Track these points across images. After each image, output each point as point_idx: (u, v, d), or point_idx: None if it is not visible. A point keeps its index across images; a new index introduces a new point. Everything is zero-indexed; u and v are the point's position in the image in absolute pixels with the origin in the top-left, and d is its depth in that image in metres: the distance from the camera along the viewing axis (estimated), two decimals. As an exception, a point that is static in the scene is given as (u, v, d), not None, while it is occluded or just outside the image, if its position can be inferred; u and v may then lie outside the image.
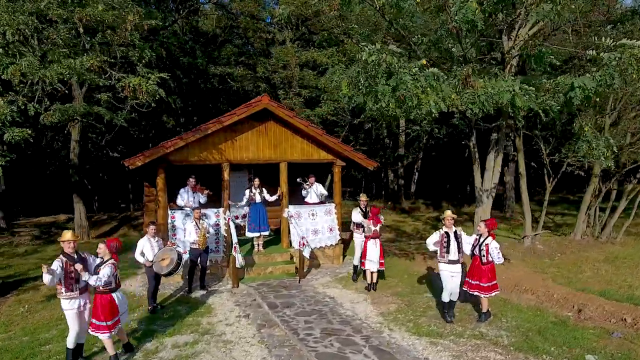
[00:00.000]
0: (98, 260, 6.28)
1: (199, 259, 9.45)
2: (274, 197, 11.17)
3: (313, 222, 11.50)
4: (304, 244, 10.21)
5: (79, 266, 5.95)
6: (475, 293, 7.68)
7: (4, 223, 16.86)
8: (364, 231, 9.79)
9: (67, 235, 6.18)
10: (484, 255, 7.52)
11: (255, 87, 22.86)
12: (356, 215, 9.94)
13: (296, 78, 19.30)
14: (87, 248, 15.37)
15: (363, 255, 9.62)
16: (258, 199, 11.01)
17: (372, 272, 9.56)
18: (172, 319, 8.01)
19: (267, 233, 11.12)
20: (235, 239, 9.86)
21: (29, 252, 14.36)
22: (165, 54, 22.47)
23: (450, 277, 7.69)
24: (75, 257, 6.16)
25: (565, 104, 6.05)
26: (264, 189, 11.18)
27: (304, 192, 11.77)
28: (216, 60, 21.43)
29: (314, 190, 11.76)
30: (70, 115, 14.26)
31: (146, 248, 8.40)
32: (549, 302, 8.56)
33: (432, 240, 7.86)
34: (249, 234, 11.01)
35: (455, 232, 7.78)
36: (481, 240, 7.62)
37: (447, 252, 7.75)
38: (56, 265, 5.95)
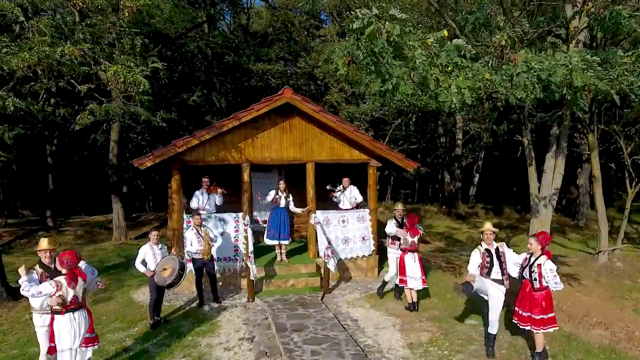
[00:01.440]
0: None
1: (204, 268, 8.59)
2: (299, 210, 10.08)
3: (343, 230, 10.27)
4: (328, 255, 9.02)
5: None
6: (527, 328, 6.08)
7: (51, 222, 17.23)
8: (400, 245, 8.43)
9: (44, 244, 5.48)
10: (535, 279, 5.92)
11: (305, 84, 22.02)
12: (391, 227, 8.59)
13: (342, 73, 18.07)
14: (124, 249, 15.26)
15: (401, 271, 8.28)
16: (282, 203, 9.96)
17: (412, 290, 8.22)
18: (170, 337, 7.17)
19: (286, 242, 10.03)
20: (250, 247, 8.88)
21: (67, 252, 14.37)
22: (211, 52, 22.25)
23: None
24: (53, 267, 5.47)
25: (652, 84, 4.40)
26: (290, 196, 10.10)
27: (335, 200, 10.57)
28: (261, 57, 20.78)
29: (346, 195, 10.50)
30: (105, 116, 14.05)
31: (148, 256, 7.66)
32: (628, 341, 6.73)
33: (475, 264, 6.37)
34: (267, 241, 9.99)
35: (496, 250, 6.25)
36: (532, 260, 6.01)
37: (489, 273, 6.25)
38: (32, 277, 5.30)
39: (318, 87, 20.37)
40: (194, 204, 9.61)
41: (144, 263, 7.63)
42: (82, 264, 5.72)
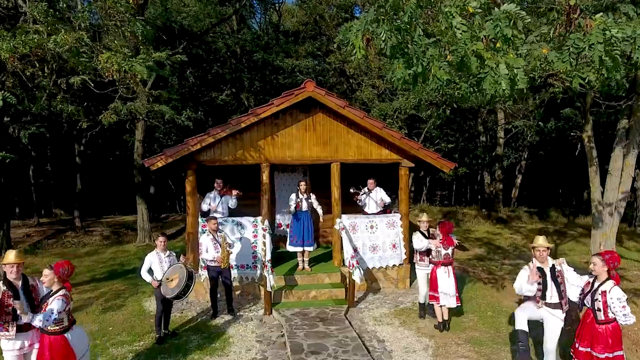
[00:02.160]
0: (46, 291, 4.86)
1: (220, 277, 7.92)
2: (320, 211, 9.25)
3: (372, 236, 9.37)
4: (353, 265, 8.14)
5: (18, 304, 4.52)
6: (588, 365, 5.00)
7: (79, 222, 17.15)
8: (431, 260, 7.46)
9: (10, 256, 4.78)
10: (599, 309, 4.82)
11: (338, 83, 21.23)
12: (418, 241, 7.56)
13: (373, 67, 17.12)
14: (147, 252, 14.89)
15: (433, 287, 7.29)
16: (304, 206, 9.16)
17: (443, 307, 7.24)
18: (175, 355, 6.50)
19: (311, 249, 9.21)
20: (269, 254, 8.13)
21: (90, 253, 14.16)
22: (240, 50, 21.82)
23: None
24: (20, 284, 4.77)
25: None
26: (312, 195, 9.30)
27: (359, 203, 9.68)
28: (290, 54, 20.11)
29: (373, 197, 9.62)
30: (128, 115, 13.78)
31: (154, 264, 7.04)
32: None
33: (524, 282, 5.34)
34: (290, 248, 9.22)
35: (552, 268, 5.20)
36: (596, 285, 4.91)
37: (543, 296, 5.21)
38: None
39: (350, 84, 19.47)
40: (205, 206, 8.96)
41: (150, 272, 7.02)
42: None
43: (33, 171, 19.35)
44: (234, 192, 9.03)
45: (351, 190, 9.47)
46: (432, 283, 7.29)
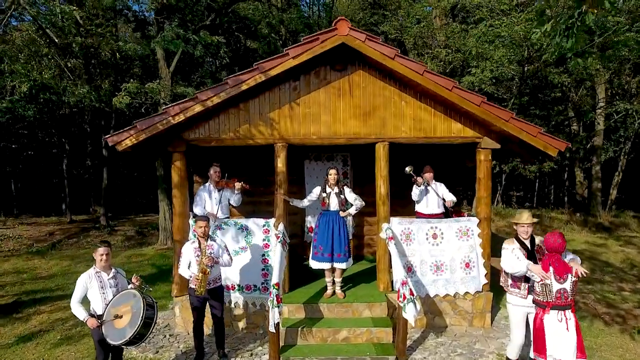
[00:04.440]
0: None
1: (206, 307, 5.41)
2: (359, 205, 6.36)
3: (435, 250, 6.44)
4: (405, 296, 5.26)
5: None
6: None
7: (104, 220, 15.53)
8: (531, 291, 4.44)
9: None
10: None
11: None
12: (511, 258, 4.53)
13: (439, 35, 13.97)
14: (165, 256, 12.86)
15: (538, 345, 4.23)
16: (333, 204, 6.37)
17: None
18: None
19: (344, 266, 6.38)
20: (276, 276, 5.44)
21: (102, 256, 12.29)
22: (285, 31, 19.67)
23: None
24: None
25: None
26: (345, 188, 6.50)
27: (415, 195, 6.77)
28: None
29: (433, 190, 6.71)
30: (144, 98, 11.81)
31: (92, 291, 4.55)
32: None
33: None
34: (313, 264, 6.44)
35: None
36: None
37: None
38: None
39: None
40: (198, 207, 6.44)
41: (85, 302, 4.57)
42: None
43: (67, 166, 18.10)
44: (237, 184, 6.46)
45: (407, 170, 6.53)
46: (537, 339, 4.25)
